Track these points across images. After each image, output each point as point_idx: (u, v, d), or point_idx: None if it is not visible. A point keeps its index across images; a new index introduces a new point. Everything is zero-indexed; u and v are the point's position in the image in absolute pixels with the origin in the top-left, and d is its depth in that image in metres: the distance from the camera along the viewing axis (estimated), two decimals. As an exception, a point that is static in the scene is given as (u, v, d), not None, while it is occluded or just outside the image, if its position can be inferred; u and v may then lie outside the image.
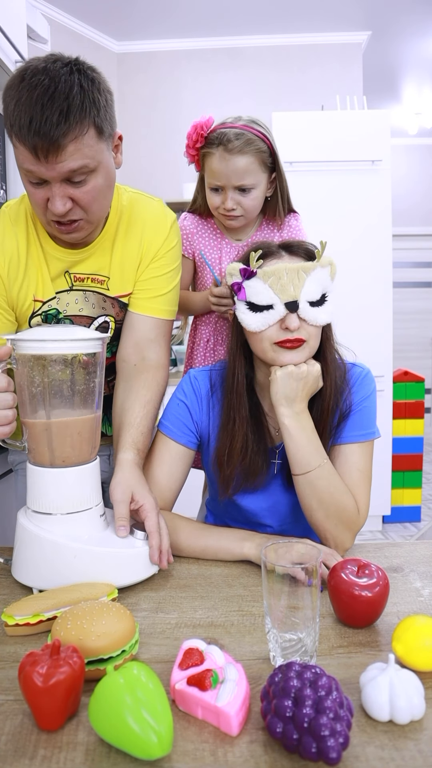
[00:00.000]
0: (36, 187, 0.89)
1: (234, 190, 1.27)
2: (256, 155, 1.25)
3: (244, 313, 0.97)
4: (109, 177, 0.95)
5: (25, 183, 0.91)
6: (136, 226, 1.08)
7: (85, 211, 0.93)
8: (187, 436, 1.07)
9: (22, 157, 0.86)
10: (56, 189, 0.88)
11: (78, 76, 0.85)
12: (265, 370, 1.02)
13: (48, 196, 0.89)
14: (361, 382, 1.05)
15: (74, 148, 0.85)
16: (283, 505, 1.08)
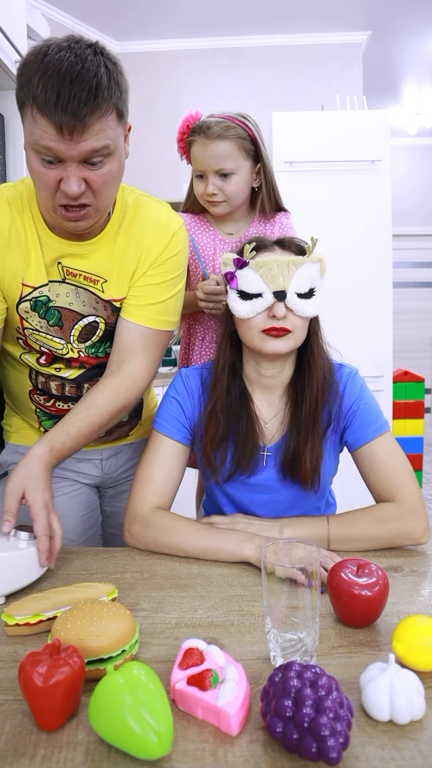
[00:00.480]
0: (49, 167, 0.86)
1: (215, 175, 1.32)
2: (234, 141, 1.30)
3: (234, 301, 1.02)
4: (122, 164, 0.94)
5: (35, 163, 0.87)
6: (138, 229, 1.05)
7: (95, 196, 0.91)
8: (181, 432, 1.08)
9: (41, 132, 0.82)
10: (72, 169, 0.85)
11: (102, 58, 0.84)
12: (253, 362, 1.06)
13: (61, 176, 0.86)
14: (352, 381, 1.08)
15: (98, 127, 0.84)
16: (278, 499, 1.08)
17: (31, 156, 0.87)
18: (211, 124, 1.29)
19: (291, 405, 1.06)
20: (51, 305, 1.05)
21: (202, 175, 1.34)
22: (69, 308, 1.05)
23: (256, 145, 1.34)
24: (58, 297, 1.04)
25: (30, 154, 0.87)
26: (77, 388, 1.13)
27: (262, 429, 1.06)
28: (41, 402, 1.15)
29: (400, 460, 1.04)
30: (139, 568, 0.96)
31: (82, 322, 1.07)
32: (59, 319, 1.06)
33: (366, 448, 1.04)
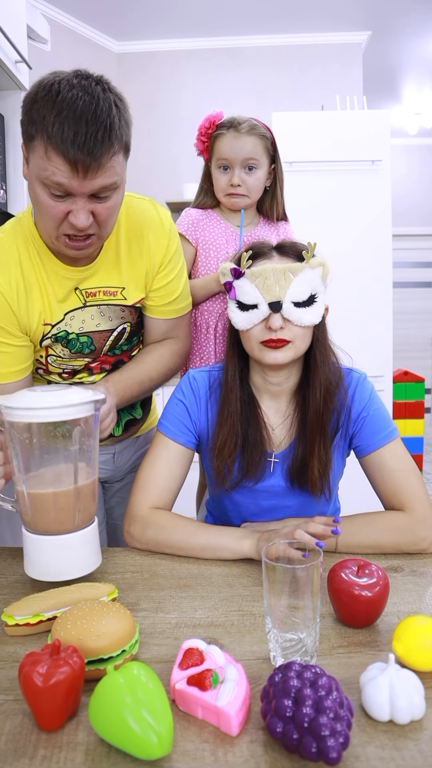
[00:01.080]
0: (57, 201, 0.88)
1: (241, 167, 1.42)
2: (261, 139, 1.43)
3: (233, 311, 1.01)
4: (122, 193, 0.97)
5: (42, 196, 0.88)
6: (138, 234, 1.08)
7: (99, 227, 0.93)
8: (186, 435, 1.07)
9: (53, 169, 0.84)
10: (81, 203, 0.88)
11: (111, 95, 0.87)
12: (259, 370, 1.05)
13: (69, 210, 0.88)
14: (361, 386, 1.06)
15: (110, 165, 0.87)
16: (284, 505, 1.08)
17: (38, 188, 0.89)
18: (241, 120, 1.42)
19: (298, 411, 1.05)
20: (72, 337, 1.08)
21: (227, 167, 1.43)
22: (98, 330, 1.10)
23: (274, 147, 1.47)
24: (84, 323, 1.08)
25: (36, 186, 0.88)
26: None
27: (269, 435, 1.06)
28: None
29: (410, 467, 1.03)
30: (139, 568, 0.96)
31: (113, 335, 1.12)
32: (90, 344, 1.10)
33: (375, 454, 1.03)
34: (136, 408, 1.27)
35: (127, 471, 1.34)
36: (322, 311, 1.00)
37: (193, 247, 1.49)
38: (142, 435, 1.35)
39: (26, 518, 0.84)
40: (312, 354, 1.03)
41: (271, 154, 1.46)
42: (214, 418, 1.07)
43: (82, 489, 0.84)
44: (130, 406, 1.25)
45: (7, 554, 1.02)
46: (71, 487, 0.82)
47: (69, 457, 0.84)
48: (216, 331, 1.47)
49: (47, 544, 0.83)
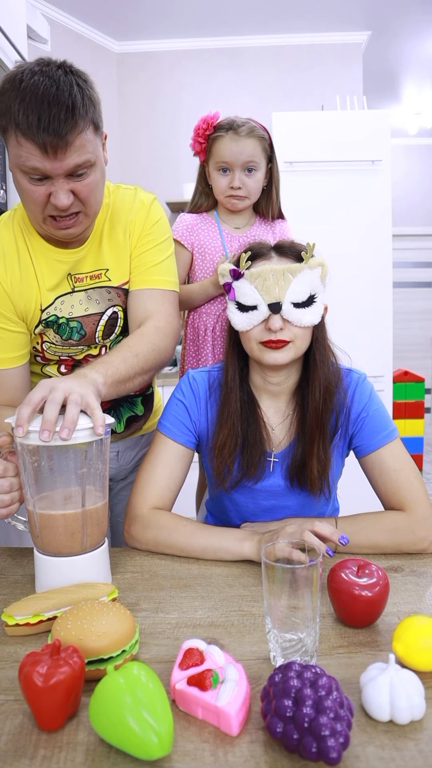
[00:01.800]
0: (37, 184, 0.91)
1: (241, 170, 1.42)
2: (260, 141, 1.42)
3: (233, 312, 1.01)
4: (103, 171, 1.00)
5: (23, 182, 0.92)
6: (119, 216, 1.10)
7: (83, 204, 0.96)
8: (186, 435, 1.07)
9: (26, 154, 0.88)
10: (59, 183, 0.91)
11: (73, 77, 0.89)
12: (259, 370, 1.05)
13: (49, 191, 0.92)
14: (361, 387, 1.06)
15: (79, 143, 0.89)
16: (283, 505, 1.08)
17: (18, 176, 0.92)
18: (240, 123, 1.41)
19: (298, 411, 1.05)
20: (62, 321, 1.09)
21: (226, 169, 1.43)
22: (87, 314, 1.10)
23: (272, 147, 1.47)
24: (73, 308, 1.09)
25: (17, 174, 0.92)
26: None
27: (269, 435, 1.06)
28: None
29: (409, 468, 1.03)
30: (139, 568, 0.96)
31: (103, 319, 1.12)
32: (79, 329, 1.10)
33: (375, 455, 1.03)
34: (136, 404, 1.27)
35: (131, 470, 1.35)
36: (322, 311, 1.00)
37: (189, 252, 1.49)
38: (147, 434, 1.35)
39: (36, 538, 0.85)
40: (311, 354, 1.03)
41: (268, 155, 1.46)
42: (213, 418, 1.07)
43: (91, 512, 0.84)
44: (130, 402, 1.25)
45: (7, 554, 1.02)
46: (79, 510, 0.83)
47: (78, 480, 0.84)
48: (214, 333, 1.47)
49: (56, 564, 0.83)
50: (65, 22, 3.41)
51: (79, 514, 0.82)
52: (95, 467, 0.85)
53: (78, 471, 0.84)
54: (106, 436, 0.86)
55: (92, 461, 0.84)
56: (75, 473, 0.84)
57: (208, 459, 1.08)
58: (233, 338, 1.06)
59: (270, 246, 1.04)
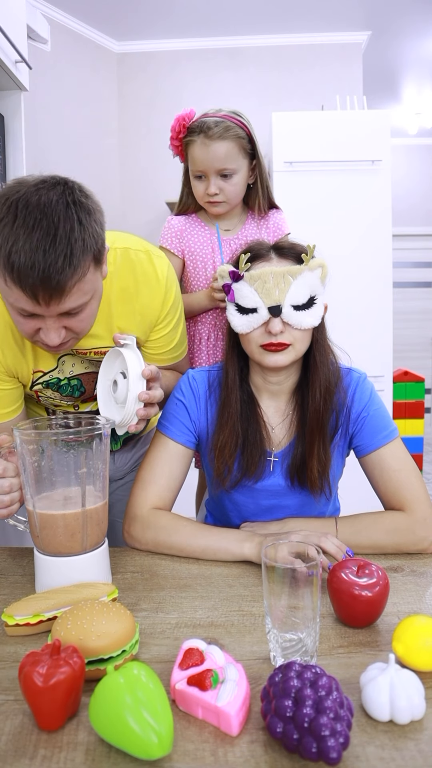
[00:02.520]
0: (26, 319, 0.84)
1: (216, 175, 1.32)
2: (235, 141, 1.31)
3: (232, 314, 1.01)
4: (99, 296, 0.92)
5: (10, 311, 0.85)
6: (132, 290, 1.02)
7: (76, 333, 0.90)
8: (186, 435, 1.07)
9: (14, 297, 0.80)
10: (51, 323, 0.84)
11: (74, 209, 0.79)
12: (259, 370, 1.05)
13: (39, 326, 0.85)
14: (361, 386, 1.06)
15: (77, 288, 0.81)
16: (283, 504, 1.08)
17: (8, 305, 0.84)
18: (211, 124, 1.29)
19: (298, 411, 1.05)
20: (63, 383, 1.07)
21: (202, 175, 1.34)
22: (86, 371, 1.09)
23: (253, 143, 1.36)
24: (74, 367, 1.08)
25: (6, 303, 0.84)
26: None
27: (269, 435, 1.06)
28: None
29: (410, 467, 1.03)
30: (139, 568, 0.96)
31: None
32: (79, 386, 1.09)
33: (375, 454, 1.03)
34: None
35: (128, 471, 1.35)
36: (322, 313, 1.00)
37: (179, 259, 1.45)
38: (143, 436, 1.36)
39: (36, 538, 0.85)
40: (311, 354, 1.03)
41: (249, 152, 1.35)
42: (213, 417, 1.07)
43: (91, 512, 0.84)
44: None
45: (7, 554, 1.02)
46: (79, 510, 0.82)
47: (78, 480, 0.84)
48: (209, 342, 1.46)
49: (56, 564, 0.83)
50: (65, 22, 3.40)
51: (79, 514, 0.82)
52: (95, 467, 0.85)
53: (78, 471, 0.84)
54: (106, 436, 0.86)
55: (92, 461, 0.85)
56: (75, 473, 0.84)
57: (208, 459, 1.08)
58: (233, 338, 1.06)
59: (269, 246, 1.03)
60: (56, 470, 0.85)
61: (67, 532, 0.82)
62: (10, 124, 1.77)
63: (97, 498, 0.86)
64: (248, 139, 1.34)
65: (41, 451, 0.83)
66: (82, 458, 0.83)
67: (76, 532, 0.82)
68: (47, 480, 0.85)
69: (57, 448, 0.83)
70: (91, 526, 0.84)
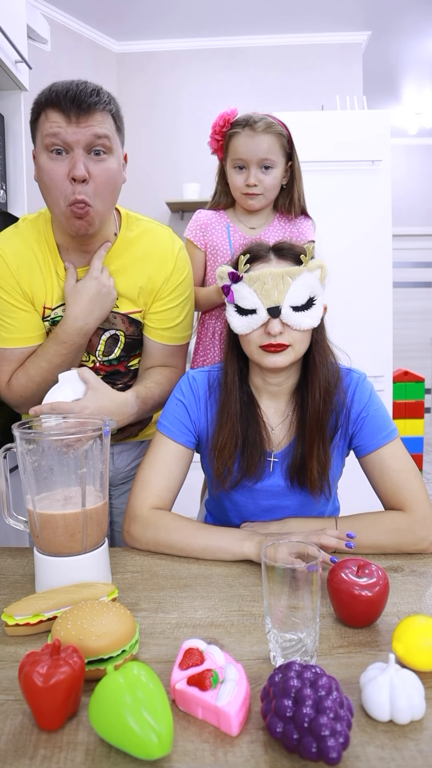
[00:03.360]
0: (57, 159, 0.98)
1: (257, 167, 1.39)
2: (277, 137, 1.39)
3: (232, 315, 1.01)
4: (120, 172, 1.06)
5: (45, 162, 0.99)
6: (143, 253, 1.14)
7: (95, 194, 1.00)
8: (186, 435, 1.07)
9: (50, 123, 0.96)
10: (78, 155, 0.97)
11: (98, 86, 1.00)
12: (258, 371, 1.05)
13: (68, 168, 0.97)
14: (361, 387, 1.06)
15: (100, 118, 0.98)
16: (283, 504, 1.08)
17: (41, 158, 0.99)
18: (256, 119, 1.38)
19: (297, 411, 1.05)
20: None
21: (243, 166, 1.40)
22: None
23: (291, 145, 1.44)
24: None
25: (41, 157, 1.00)
26: None
27: (269, 435, 1.06)
28: None
29: (410, 467, 1.03)
30: (139, 568, 0.96)
31: (105, 335, 1.16)
32: None
33: (375, 455, 1.03)
34: None
35: (127, 474, 1.34)
36: (321, 313, 1.00)
37: (202, 252, 1.47)
38: (146, 441, 1.35)
39: (36, 538, 0.85)
40: (311, 355, 1.03)
41: (287, 152, 1.43)
42: (213, 418, 1.07)
43: (91, 512, 0.84)
44: None
45: (7, 554, 1.02)
46: (79, 510, 0.83)
47: (78, 480, 0.84)
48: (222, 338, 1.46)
49: (56, 565, 0.83)
50: (65, 22, 3.41)
51: (79, 514, 0.82)
52: (95, 467, 0.85)
53: (78, 471, 0.84)
54: (106, 436, 0.86)
55: (92, 461, 0.85)
56: (75, 473, 0.84)
57: (208, 459, 1.08)
58: (232, 339, 1.06)
59: (269, 247, 1.03)
60: (56, 470, 0.85)
61: (67, 532, 0.82)
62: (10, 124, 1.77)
63: (97, 498, 0.86)
64: (287, 139, 1.43)
65: (41, 451, 0.83)
66: (81, 458, 0.83)
67: (76, 532, 0.82)
68: (47, 480, 0.85)
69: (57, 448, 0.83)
70: (91, 526, 0.84)
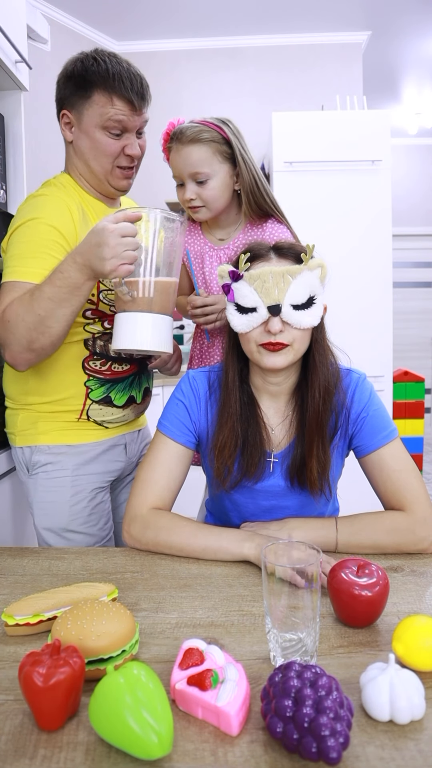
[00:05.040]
0: (115, 139, 1.18)
1: (191, 181, 1.30)
2: (208, 144, 1.27)
3: (232, 314, 1.00)
4: None
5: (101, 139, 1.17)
6: None
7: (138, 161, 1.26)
8: (186, 435, 1.07)
9: (115, 111, 1.15)
10: (132, 138, 1.20)
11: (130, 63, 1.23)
12: (258, 371, 1.05)
13: (124, 144, 1.19)
14: (361, 387, 1.06)
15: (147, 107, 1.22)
16: (283, 505, 1.08)
17: (97, 134, 1.18)
18: (184, 129, 1.28)
19: (297, 411, 1.05)
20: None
21: (181, 182, 1.32)
22: None
23: (232, 148, 1.29)
24: None
25: (96, 133, 1.17)
26: None
27: (269, 435, 1.06)
28: (97, 368, 1.23)
29: (409, 468, 1.03)
30: (139, 568, 0.96)
31: None
32: None
33: (375, 455, 1.03)
34: (150, 376, 1.37)
35: (134, 464, 1.38)
36: (321, 312, 1.00)
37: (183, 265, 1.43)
38: (142, 429, 1.41)
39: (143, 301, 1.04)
40: (311, 355, 1.03)
41: (228, 155, 1.29)
42: (214, 418, 1.07)
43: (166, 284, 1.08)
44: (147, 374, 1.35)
45: (7, 554, 1.02)
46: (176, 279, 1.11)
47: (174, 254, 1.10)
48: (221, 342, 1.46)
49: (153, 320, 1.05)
50: (65, 22, 3.40)
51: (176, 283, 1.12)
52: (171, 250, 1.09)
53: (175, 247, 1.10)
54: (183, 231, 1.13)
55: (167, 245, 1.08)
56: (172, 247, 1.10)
57: (208, 459, 1.09)
58: (233, 339, 1.06)
59: (269, 247, 1.03)
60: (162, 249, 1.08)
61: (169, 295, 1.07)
62: (10, 124, 1.77)
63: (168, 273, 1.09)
64: (226, 143, 1.28)
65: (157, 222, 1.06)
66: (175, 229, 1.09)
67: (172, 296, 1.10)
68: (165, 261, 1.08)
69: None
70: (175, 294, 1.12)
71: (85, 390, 1.22)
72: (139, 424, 1.39)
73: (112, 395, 1.25)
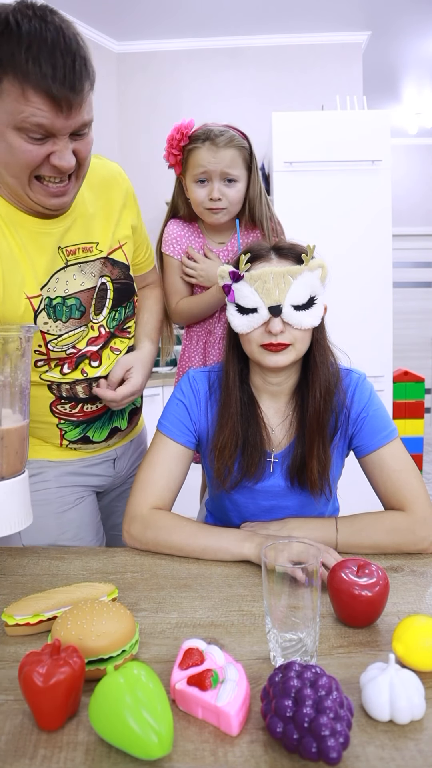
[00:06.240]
0: (36, 144, 0.83)
1: (220, 180, 1.32)
2: (239, 150, 1.32)
3: (232, 314, 1.00)
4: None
5: (15, 142, 0.83)
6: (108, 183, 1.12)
7: (80, 166, 0.91)
8: (186, 435, 1.07)
9: (33, 110, 0.79)
10: (64, 143, 0.85)
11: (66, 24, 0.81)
12: (259, 371, 1.05)
13: (48, 152, 0.85)
14: (361, 387, 1.06)
15: (88, 100, 0.84)
16: (283, 505, 1.08)
17: (9, 134, 0.83)
18: (216, 132, 1.31)
19: (298, 411, 1.05)
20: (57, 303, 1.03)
21: (204, 180, 1.33)
22: (83, 289, 1.07)
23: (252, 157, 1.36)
24: (68, 284, 1.04)
25: (9, 134, 0.83)
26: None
27: (269, 436, 1.06)
28: (66, 411, 1.11)
29: (409, 468, 1.03)
30: (139, 568, 0.96)
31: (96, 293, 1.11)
32: (79, 305, 1.07)
33: (375, 455, 1.03)
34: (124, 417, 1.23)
35: (126, 477, 1.30)
36: (322, 313, 1.00)
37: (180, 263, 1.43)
38: (136, 438, 1.32)
39: None
40: (311, 355, 1.03)
41: (248, 165, 1.35)
42: (214, 418, 1.07)
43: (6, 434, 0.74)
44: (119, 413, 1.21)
45: (7, 554, 1.02)
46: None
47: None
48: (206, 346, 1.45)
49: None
50: (65, 22, 3.41)
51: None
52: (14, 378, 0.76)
53: None
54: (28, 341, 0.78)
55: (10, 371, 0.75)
56: None
57: (208, 459, 1.09)
58: (233, 339, 1.06)
59: (269, 247, 1.03)
60: None
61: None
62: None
63: (15, 419, 0.76)
64: (249, 152, 1.35)
65: None
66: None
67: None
68: None
69: None
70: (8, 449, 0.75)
71: (59, 431, 1.13)
72: (132, 435, 1.31)
73: (90, 434, 1.15)
